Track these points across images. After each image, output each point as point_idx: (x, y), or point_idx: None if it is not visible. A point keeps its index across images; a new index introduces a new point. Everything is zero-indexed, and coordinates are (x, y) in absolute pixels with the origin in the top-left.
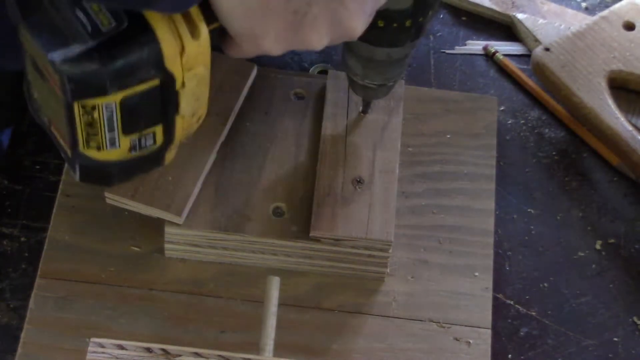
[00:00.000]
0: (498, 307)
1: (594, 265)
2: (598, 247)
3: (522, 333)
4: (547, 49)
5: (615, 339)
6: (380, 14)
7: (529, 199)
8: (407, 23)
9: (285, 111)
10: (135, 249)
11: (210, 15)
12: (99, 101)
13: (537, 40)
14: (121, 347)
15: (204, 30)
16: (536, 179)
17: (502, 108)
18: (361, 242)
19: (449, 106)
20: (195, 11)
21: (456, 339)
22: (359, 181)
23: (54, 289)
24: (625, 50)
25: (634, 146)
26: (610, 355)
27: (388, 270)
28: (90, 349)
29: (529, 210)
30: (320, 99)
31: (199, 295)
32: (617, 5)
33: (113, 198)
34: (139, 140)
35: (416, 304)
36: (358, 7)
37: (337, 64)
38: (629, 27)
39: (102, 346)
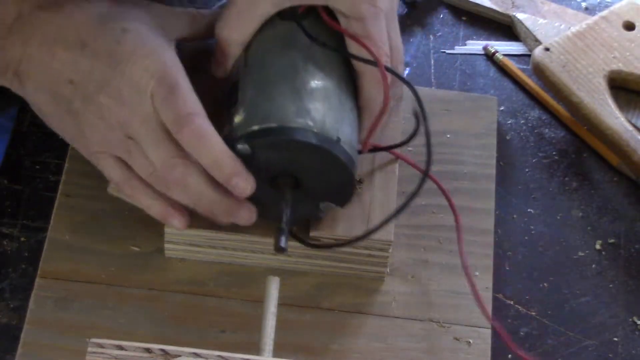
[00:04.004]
0: (498, 307)
1: (594, 265)
2: (598, 247)
3: (522, 333)
4: (547, 49)
5: (615, 339)
6: None
7: (529, 199)
8: None
9: None
10: (135, 249)
11: None
12: None
13: (537, 40)
14: (120, 348)
15: None
16: (536, 179)
17: (502, 108)
18: (361, 242)
19: (449, 106)
20: None
21: (456, 339)
22: (359, 181)
23: (54, 289)
24: (625, 50)
25: (634, 146)
26: (610, 355)
27: (388, 270)
28: (89, 349)
29: (529, 210)
30: None
31: (199, 295)
32: (617, 5)
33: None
34: None
35: (416, 304)
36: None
37: None
38: (629, 27)
39: (102, 346)
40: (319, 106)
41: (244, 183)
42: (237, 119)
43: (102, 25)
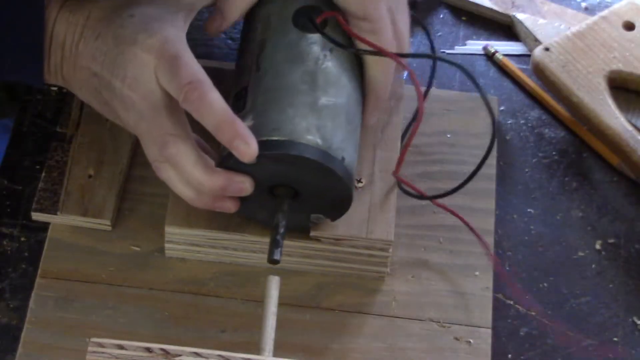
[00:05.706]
0: (498, 307)
1: (594, 265)
2: (598, 247)
3: (522, 333)
4: (547, 49)
5: (615, 339)
6: None
7: (529, 199)
8: None
9: None
10: (135, 248)
11: None
12: None
13: (537, 40)
14: (121, 347)
15: None
16: (536, 179)
17: (502, 108)
18: (361, 242)
19: (449, 106)
20: None
21: (456, 339)
22: (359, 181)
23: (54, 289)
24: (625, 50)
25: (634, 146)
26: (610, 355)
27: (388, 269)
28: (90, 348)
29: (529, 210)
30: None
31: (199, 295)
32: (617, 5)
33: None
34: None
35: (416, 304)
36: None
37: None
38: (629, 27)
39: (102, 346)
40: (328, 124)
41: (245, 146)
42: (246, 125)
43: (113, 14)
